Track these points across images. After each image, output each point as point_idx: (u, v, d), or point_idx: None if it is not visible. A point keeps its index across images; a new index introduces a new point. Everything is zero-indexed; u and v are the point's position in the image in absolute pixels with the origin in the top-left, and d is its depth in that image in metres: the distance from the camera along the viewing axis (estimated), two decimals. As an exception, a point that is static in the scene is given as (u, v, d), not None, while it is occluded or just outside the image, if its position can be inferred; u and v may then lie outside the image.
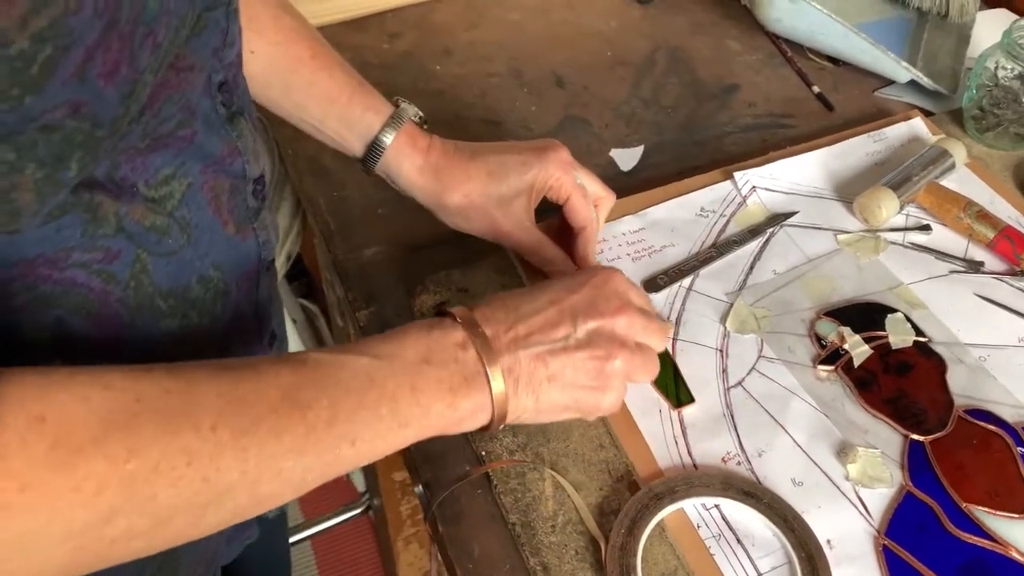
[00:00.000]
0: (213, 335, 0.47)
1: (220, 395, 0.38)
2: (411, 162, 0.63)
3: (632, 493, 0.56)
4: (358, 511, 1.34)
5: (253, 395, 0.39)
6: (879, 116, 0.86)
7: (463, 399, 0.45)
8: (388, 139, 0.62)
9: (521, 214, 0.63)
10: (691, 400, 0.61)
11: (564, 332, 0.48)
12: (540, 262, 0.65)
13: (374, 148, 0.62)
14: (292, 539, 1.35)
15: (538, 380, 0.47)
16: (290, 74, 0.61)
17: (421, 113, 0.65)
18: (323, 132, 0.64)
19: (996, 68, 0.79)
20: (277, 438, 0.38)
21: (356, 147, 0.63)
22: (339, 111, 0.62)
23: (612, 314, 0.49)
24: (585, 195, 0.64)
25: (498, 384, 0.46)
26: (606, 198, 0.67)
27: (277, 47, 0.61)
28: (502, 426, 0.48)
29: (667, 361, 0.63)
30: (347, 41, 0.92)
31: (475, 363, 0.46)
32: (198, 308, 0.45)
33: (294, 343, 1.16)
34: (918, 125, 0.82)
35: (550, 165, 0.62)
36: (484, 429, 0.48)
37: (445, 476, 0.59)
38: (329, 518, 1.34)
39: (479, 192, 0.62)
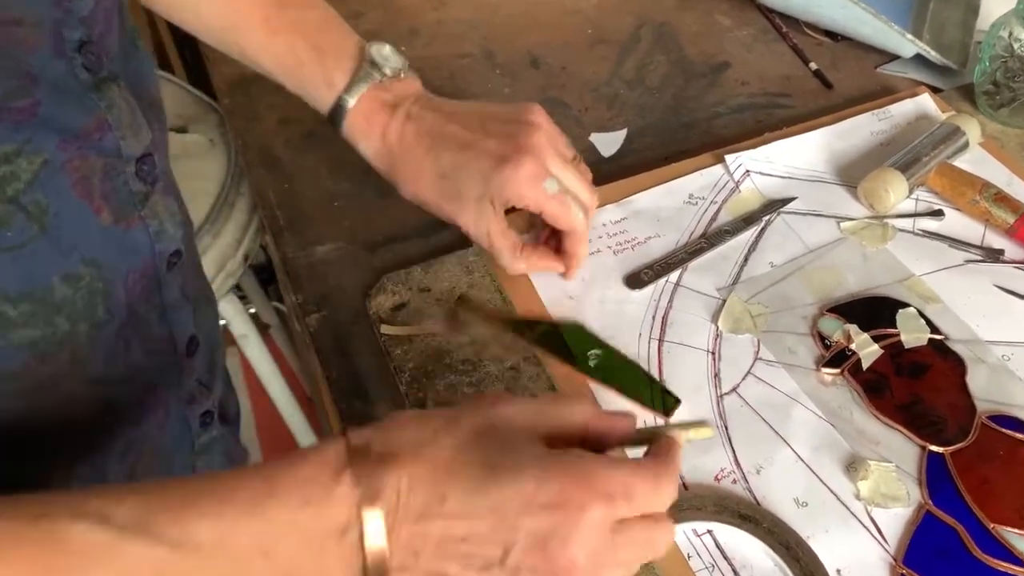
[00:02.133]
0: (101, 345, 0.40)
1: None
2: (366, 145, 0.58)
3: (613, 518, 0.50)
4: None
5: None
6: (882, 94, 0.79)
7: None
8: (341, 119, 0.56)
9: (485, 214, 0.55)
10: (677, 401, 0.54)
11: (489, 554, 0.34)
12: (506, 268, 0.59)
13: (334, 122, 0.57)
14: None
15: None
16: (238, 35, 0.56)
17: (397, 64, 0.57)
18: (291, 94, 0.59)
19: (1011, 38, 0.72)
20: None
21: (322, 111, 0.58)
22: (293, 81, 0.57)
23: (560, 571, 0.34)
24: (563, 200, 0.56)
25: None
26: (590, 205, 0.58)
27: (227, 7, 0.56)
28: None
29: (632, 368, 0.56)
30: (305, 22, 0.85)
31: (350, 556, 0.33)
32: (68, 313, 0.38)
33: (259, 353, 1.09)
34: (926, 102, 0.75)
35: (509, 182, 0.53)
36: None
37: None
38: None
39: (430, 191, 0.56)
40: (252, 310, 1.30)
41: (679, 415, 0.54)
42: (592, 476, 0.35)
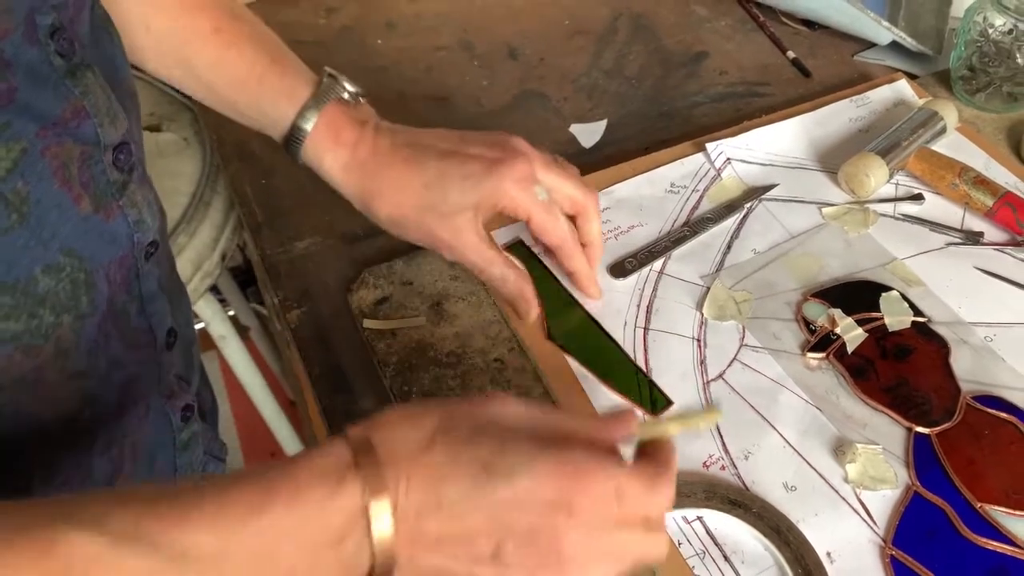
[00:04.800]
0: (84, 337, 0.39)
1: None
2: (333, 158, 0.53)
3: (602, 508, 0.49)
4: None
5: None
6: (859, 81, 0.79)
7: None
8: (307, 126, 0.52)
9: (465, 228, 0.52)
10: (668, 403, 0.54)
11: (481, 549, 0.34)
12: (491, 282, 0.55)
13: (292, 139, 0.53)
14: None
15: None
16: (187, 48, 0.53)
17: (354, 88, 0.55)
18: (242, 116, 0.55)
19: (985, 23, 0.73)
20: None
21: (275, 135, 0.55)
22: (249, 96, 0.53)
23: (549, 564, 0.34)
24: (550, 209, 0.53)
25: None
26: (586, 203, 0.55)
27: (176, 22, 0.53)
28: None
29: (630, 366, 0.56)
30: (278, 18, 0.84)
31: (353, 556, 0.32)
32: (52, 304, 0.37)
33: (239, 354, 1.07)
34: (903, 87, 0.76)
35: (504, 182, 0.51)
36: None
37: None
38: None
39: (412, 205, 0.52)
40: (231, 313, 1.28)
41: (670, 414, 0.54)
42: (585, 477, 0.34)
